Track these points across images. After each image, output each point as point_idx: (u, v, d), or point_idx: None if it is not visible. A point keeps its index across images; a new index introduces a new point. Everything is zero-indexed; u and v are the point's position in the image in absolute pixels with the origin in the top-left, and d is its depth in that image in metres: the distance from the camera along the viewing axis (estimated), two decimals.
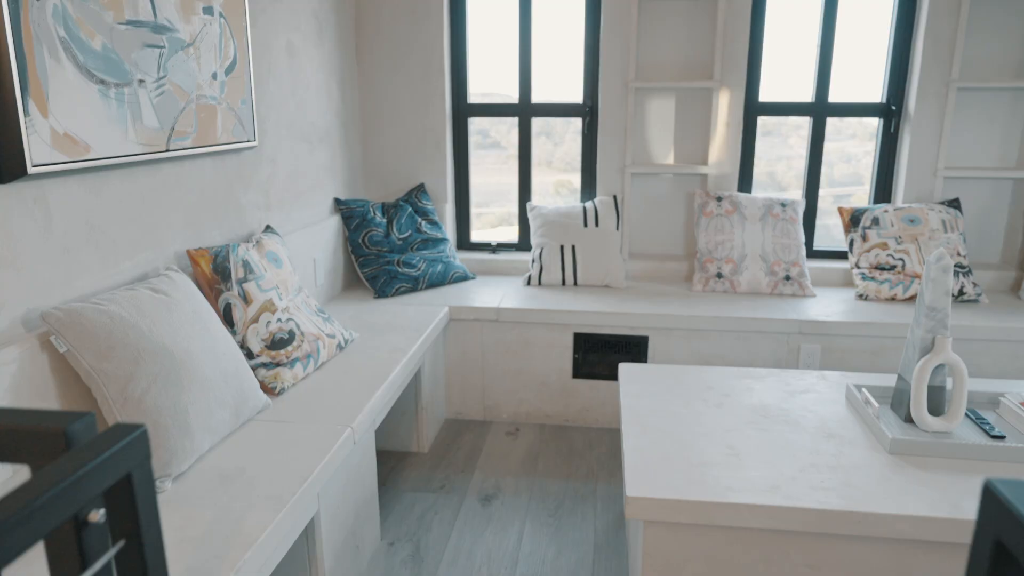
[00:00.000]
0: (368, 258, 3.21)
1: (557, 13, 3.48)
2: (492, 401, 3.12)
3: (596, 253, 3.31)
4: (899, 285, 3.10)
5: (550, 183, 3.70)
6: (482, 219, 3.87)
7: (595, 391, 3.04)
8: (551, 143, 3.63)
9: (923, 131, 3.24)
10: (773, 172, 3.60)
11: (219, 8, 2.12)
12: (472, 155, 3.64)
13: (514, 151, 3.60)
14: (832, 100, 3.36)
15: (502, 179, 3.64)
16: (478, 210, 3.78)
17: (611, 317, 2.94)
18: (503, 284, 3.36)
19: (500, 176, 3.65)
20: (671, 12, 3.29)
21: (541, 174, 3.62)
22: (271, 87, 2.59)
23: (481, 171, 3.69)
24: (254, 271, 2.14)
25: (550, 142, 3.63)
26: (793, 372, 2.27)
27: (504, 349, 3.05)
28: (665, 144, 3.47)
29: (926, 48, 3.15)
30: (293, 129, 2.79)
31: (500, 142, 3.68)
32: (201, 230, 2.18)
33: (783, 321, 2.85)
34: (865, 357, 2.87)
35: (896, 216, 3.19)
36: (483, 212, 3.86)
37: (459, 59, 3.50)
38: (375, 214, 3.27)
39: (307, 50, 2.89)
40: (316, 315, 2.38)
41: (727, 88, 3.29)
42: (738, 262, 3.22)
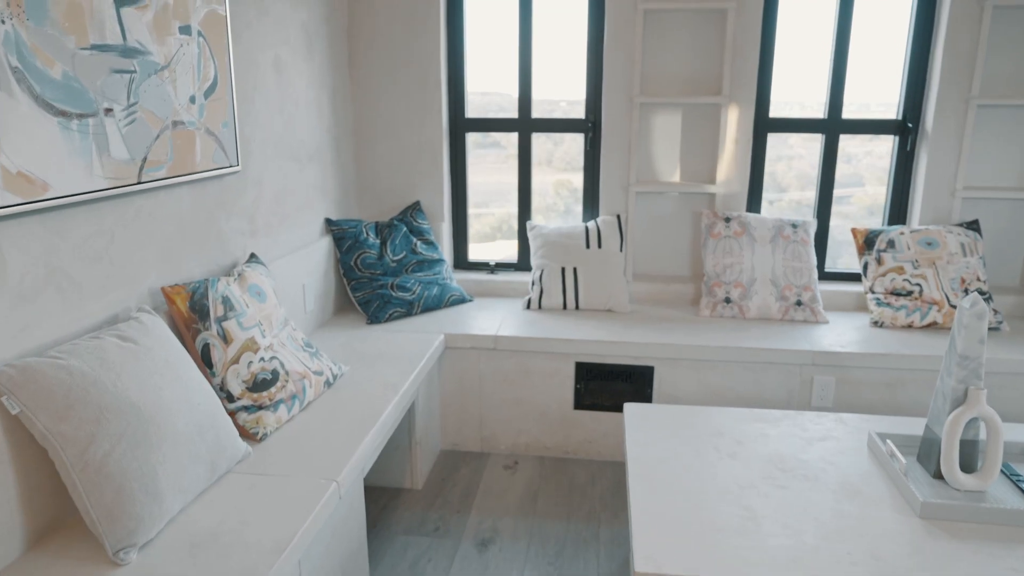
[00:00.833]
0: (361, 281, 3.07)
1: (559, 25, 3.34)
2: (490, 432, 2.98)
3: (598, 276, 3.17)
4: (916, 312, 2.96)
5: (550, 183, 3.56)
6: (481, 220, 3.73)
7: (598, 423, 2.91)
8: (551, 142, 3.49)
9: (941, 149, 3.10)
10: (773, 172, 3.46)
11: (198, 27, 1.98)
12: (471, 155, 3.48)
13: (514, 150, 3.44)
14: (846, 116, 3.22)
15: (502, 178, 3.49)
16: (477, 211, 3.64)
17: (615, 346, 2.80)
18: (501, 307, 3.22)
19: (500, 175, 3.50)
20: (677, 24, 3.15)
21: (541, 174, 3.47)
22: (257, 105, 2.45)
23: (480, 170, 3.54)
24: (235, 308, 2.00)
25: (550, 141, 3.49)
26: (809, 415, 2.13)
27: (502, 378, 2.91)
28: (671, 161, 3.33)
29: (945, 63, 3.01)
30: (281, 148, 2.65)
31: (500, 141, 3.53)
32: (179, 263, 2.04)
33: (795, 352, 2.72)
34: (881, 390, 2.73)
35: (912, 239, 3.06)
36: (482, 213, 3.71)
37: (457, 71, 3.36)
38: (368, 235, 3.13)
39: (296, 64, 2.75)
40: (303, 350, 2.24)
41: (736, 104, 3.15)
42: (747, 286, 3.08)
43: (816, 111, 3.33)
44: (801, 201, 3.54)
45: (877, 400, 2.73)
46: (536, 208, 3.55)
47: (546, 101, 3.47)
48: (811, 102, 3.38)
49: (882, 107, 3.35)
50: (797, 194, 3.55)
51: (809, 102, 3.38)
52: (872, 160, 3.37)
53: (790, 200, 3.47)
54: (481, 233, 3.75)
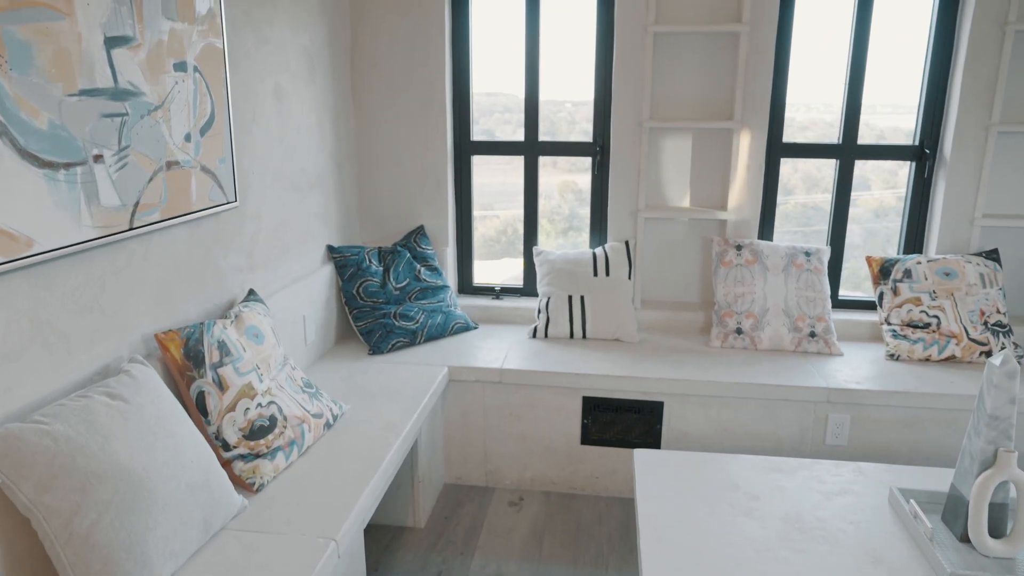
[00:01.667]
0: (363, 310, 3.00)
1: (567, 49, 3.26)
2: (494, 466, 2.90)
3: (606, 304, 3.09)
4: (934, 345, 2.87)
5: (555, 184, 3.48)
6: (487, 223, 3.66)
7: (605, 458, 2.83)
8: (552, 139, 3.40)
9: (959, 176, 3.02)
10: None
11: (194, 63, 1.91)
12: (475, 158, 3.40)
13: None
14: (861, 142, 3.14)
15: (506, 179, 3.41)
16: (483, 212, 3.57)
17: (623, 381, 2.72)
18: (507, 336, 3.15)
19: (504, 176, 3.41)
20: (688, 47, 3.07)
21: (546, 175, 3.39)
22: (256, 137, 2.38)
23: (486, 171, 3.45)
24: (231, 353, 1.93)
25: (551, 138, 3.40)
26: (826, 465, 2.05)
27: (508, 412, 2.83)
28: (681, 187, 3.25)
29: (964, 89, 2.92)
30: (281, 178, 2.58)
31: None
32: (174, 306, 1.97)
33: (809, 389, 2.63)
34: (898, 429, 2.64)
35: (930, 268, 2.97)
36: (487, 215, 3.63)
37: (462, 93, 3.29)
38: (371, 262, 3.06)
39: (297, 91, 2.68)
40: (302, 391, 2.17)
41: (748, 128, 3.07)
42: (759, 316, 3.00)
43: (830, 135, 3.25)
44: (807, 204, 3.45)
45: (894, 439, 2.65)
46: (540, 211, 3.48)
47: (551, 102, 3.39)
48: (825, 126, 3.30)
49: (899, 133, 3.26)
50: (803, 197, 3.46)
51: (823, 126, 3.30)
52: (902, 206, 3.26)
53: (795, 203, 3.38)
54: (487, 237, 3.67)
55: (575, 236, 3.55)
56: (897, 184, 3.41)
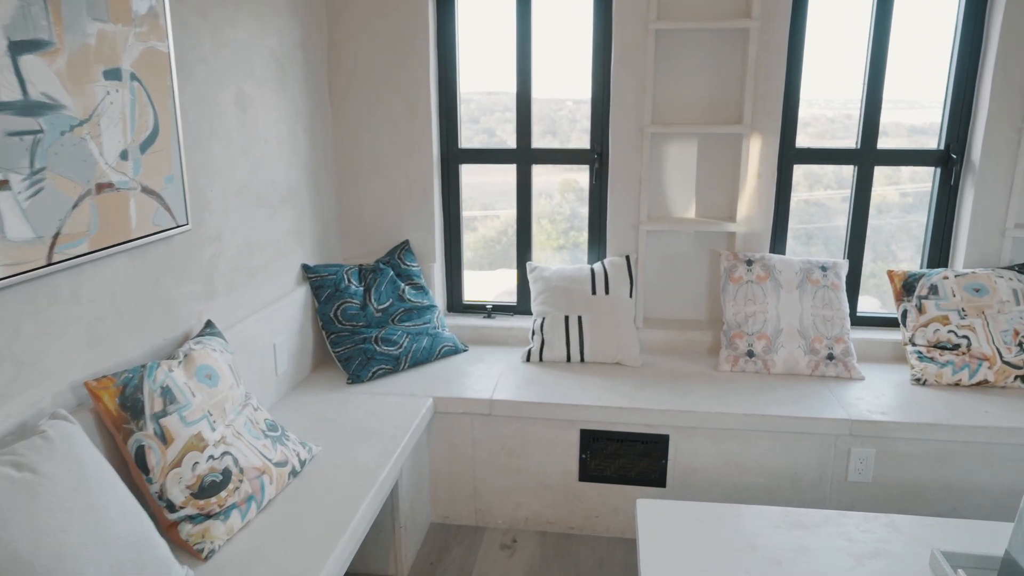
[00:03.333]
0: (341, 335, 2.76)
1: (565, 45, 3.02)
2: (485, 504, 2.66)
3: (606, 325, 2.85)
4: (964, 369, 2.63)
5: (556, 182, 3.23)
6: (487, 223, 3.41)
7: (605, 496, 2.59)
8: (557, 141, 3.15)
9: (989, 183, 2.77)
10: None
11: (131, 69, 1.68)
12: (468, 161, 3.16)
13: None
14: (881, 146, 2.89)
15: (508, 178, 3.15)
16: (484, 213, 3.33)
17: (624, 413, 2.48)
18: (499, 359, 2.91)
19: (506, 176, 3.15)
20: (693, 46, 2.83)
21: (547, 172, 3.14)
22: (214, 150, 2.14)
23: (487, 170, 3.19)
24: (176, 399, 1.70)
25: (556, 140, 3.16)
26: (855, 519, 1.81)
27: (499, 446, 2.59)
28: (685, 197, 3.00)
29: (995, 88, 2.68)
30: (246, 195, 2.34)
31: (507, 141, 3.17)
32: (112, 347, 1.73)
33: (829, 421, 2.39)
34: (928, 464, 2.40)
35: (958, 284, 2.72)
36: (488, 215, 3.39)
37: (448, 98, 3.05)
38: (350, 282, 2.82)
39: (265, 98, 2.45)
40: (264, 437, 1.93)
41: (759, 133, 2.83)
42: (772, 338, 2.75)
43: (832, 132, 3.01)
44: (809, 200, 3.21)
45: (924, 476, 2.41)
46: (541, 212, 3.24)
47: (552, 101, 3.15)
48: (827, 122, 3.06)
49: (923, 135, 3.02)
50: (806, 193, 3.22)
51: (825, 122, 3.05)
52: (927, 215, 3.02)
53: (797, 200, 3.13)
54: (487, 238, 3.42)
55: (576, 236, 3.29)
56: (900, 180, 3.17)
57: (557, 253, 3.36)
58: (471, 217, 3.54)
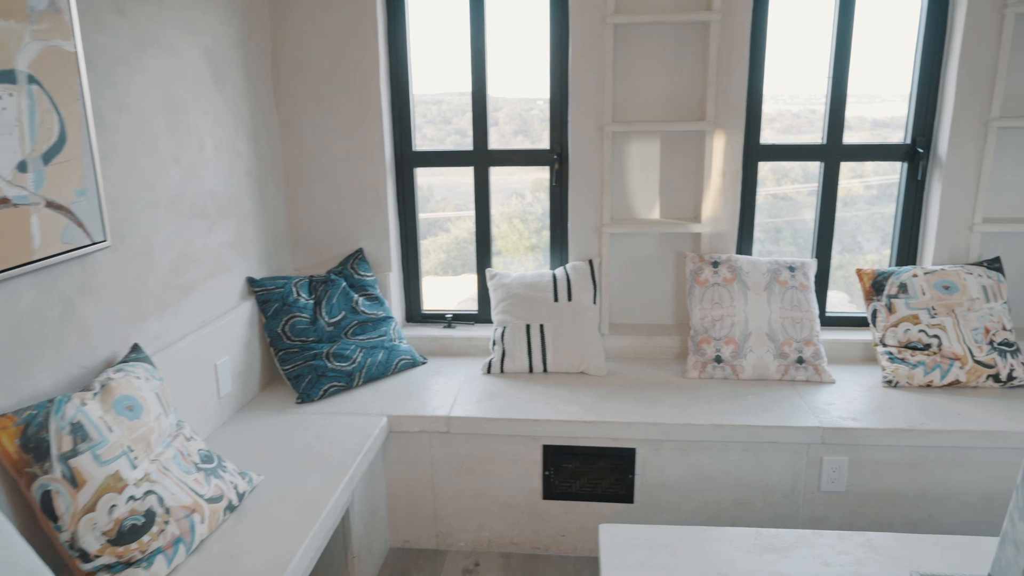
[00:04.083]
0: (290, 352, 2.60)
1: (523, 48, 2.90)
2: (446, 527, 2.53)
3: (569, 334, 2.73)
4: (935, 370, 2.55)
5: (528, 181, 3.10)
6: (459, 224, 3.28)
7: (571, 514, 2.47)
8: (528, 141, 3.03)
9: (956, 178, 2.70)
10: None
11: (27, 71, 1.51)
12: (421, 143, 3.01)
13: (504, 140, 2.98)
14: (847, 141, 2.81)
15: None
16: (458, 213, 3.18)
17: (589, 427, 2.36)
18: (459, 372, 2.78)
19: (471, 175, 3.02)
20: (654, 41, 2.72)
21: (519, 171, 3.02)
22: (139, 158, 1.98)
23: (457, 170, 3.03)
24: (89, 436, 1.54)
25: (528, 140, 3.03)
26: (829, 539, 1.71)
27: (458, 465, 2.46)
28: (649, 197, 2.90)
29: (960, 82, 2.61)
30: (179, 206, 2.18)
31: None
32: (17, 381, 1.57)
33: (801, 429, 2.30)
34: (902, 471, 2.32)
35: (927, 281, 2.65)
36: (461, 216, 3.24)
37: (401, 98, 2.91)
38: (299, 295, 2.67)
39: (198, 101, 2.28)
40: (195, 470, 1.78)
41: (723, 130, 2.73)
42: (740, 342, 2.66)
43: (797, 126, 2.93)
44: (778, 195, 3.13)
45: (898, 483, 2.32)
46: (512, 212, 3.12)
47: (523, 100, 3.02)
48: (792, 117, 2.98)
49: (886, 129, 2.95)
50: (774, 188, 3.14)
51: (790, 117, 2.97)
52: (894, 211, 2.95)
53: (766, 195, 3.05)
54: (459, 239, 3.28)
55: (549, 236, 3.18)
56: (864, 172, 3.10)
57: (530, 253, 3.25)
58: (444, 218, 3.40)
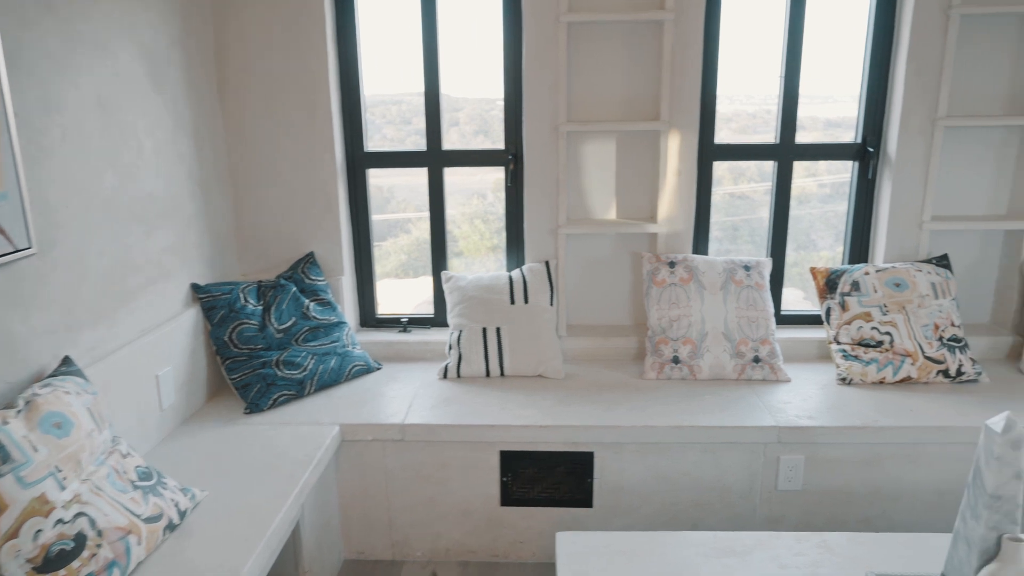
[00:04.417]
0: (238, 360, 2.51)
1: (475, 47, 2.85)
2: (402, 536, 2.47)
3: (526, 337, 2.69)
4: (888, 366, 2.58)
5: (489, 181, 3.05)
6: (421, 225, 3.19)
7: (530, 520, 2.43)
8: (489, 141, 2.97)
9: (905, 176, 2.74)
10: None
11: None
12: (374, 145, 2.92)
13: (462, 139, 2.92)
14: (800, 141, 2.83)
15: (445, 179, 2.96)
16: (418, 215, 3.10)
17: (546, 432, 2.33)
18: (414, 377, 2.72)
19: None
20: (607, 39, 2.70)
21: (480, 171, 2.96)
22: (68, 161, 1.88)
23: (418, 170, 2.95)
24: (11, 457, 1.44)
25: (488, 140, 2.98)
26: (786, 540, 1.70)
27: (414, 474, 2.40)
28: (605, 197, 2.88)
29: (908, 81, 2.64)
30: (115, 210, 2.08)
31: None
32: None
33: (758, 429, 2.30)
34: (857, 468, 2.34)
35: (879, 279, 2.68)
36: (422, 217, 3.15)
37: (351, 97, 2.83)
38: (246, 301, 2.57)
39: (135, 100, 2.18)
40: (132, 489, 1.69)
41: (677, 130, 2.72)
42: (698, 342, 2.65)
43: (753, 127, 2.95)
44: (735, 193, 3.15)
45: (853, 480, 2.34)
46: (473, 213, 3.06)
47: (483, 100, 2.97)
48: (748, 117, 3.00)
49: (838, 129, 2.98)
50: (731, 187, 3.16)
51: (746, 117, 2.99)
52: (846, 209, 2.98)
53: (723, 193, 3.06)
54: (420, 240, 3.19)
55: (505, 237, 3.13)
56: (817, 171, 3.14)
57: (491, 253, 3.20)
58: (405, 219, 3.32)
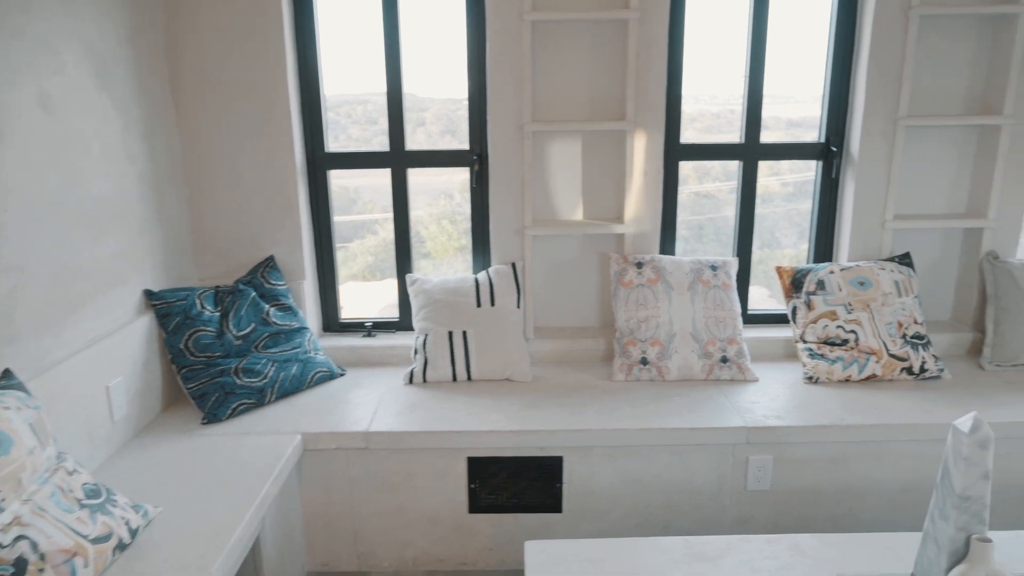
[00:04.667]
0: (195, 369, 2.42)
1: (440, 46, 2.80)
2: (368, 547, 2.41)
3: (493, 340, 2.65)
4: (853, 364, 2.60)
5: (457, 181, 2.99)
6: (388, 226, 3.13)
7: (499, 527, 2.39)
8: (456, 141, 2.92)
9: (868, 176, 2.76)
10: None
11: None
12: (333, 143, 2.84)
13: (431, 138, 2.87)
14: (763, 140, 2.83)
15: (414, 179, 2.89)
16: (385, 215, 3.02)
17: (515, 436, 2.29)
18: (379, 383, 2.66)
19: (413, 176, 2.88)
20: (572, 38, 2.67)
21: (447, 171, 2.92)
22: (7, 163, 1.78)
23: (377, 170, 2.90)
24: None
25: (456, 140, 2.92)
26: (757, 543, 1.68)
27: (380, 482, 2.34)
28: (572, 198, 2.85)
29: (870, 81, 2.66)
30: (60, 214, 1.98)
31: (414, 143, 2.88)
32: None
33: (727, 430, 2.29)
34: (825, 467, 2.34)
35: (843, 278, 2.70)
36: (390, 218, 3.10)
37: (311, 96, 2.76)
38: (203, 307, 2.49)
39: (81, 100, 2.09)
40: (78, 508, 1.60)
41: (643, 129, 2.71)
42: (666, 343, 2.64)
43: (718, 126, 2.95)
44: (700, 192, 3.15)
45: (821, 479, 2.34)
46: (441, 213, 3.01)
47: (450, 100, 2.91)
48: (712, 117, 3.00)
49: (799, 129, 3.00)
50: (696, 186, 3.16)
51: (710, 117, 2.99)
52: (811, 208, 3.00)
53: (688, 193, 3.06)
54: (388, 241, 3.12)
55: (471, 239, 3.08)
56: (781, 170, 3.16)
57: (459, 254, 3.15)
58: (372, 220, 3.25)
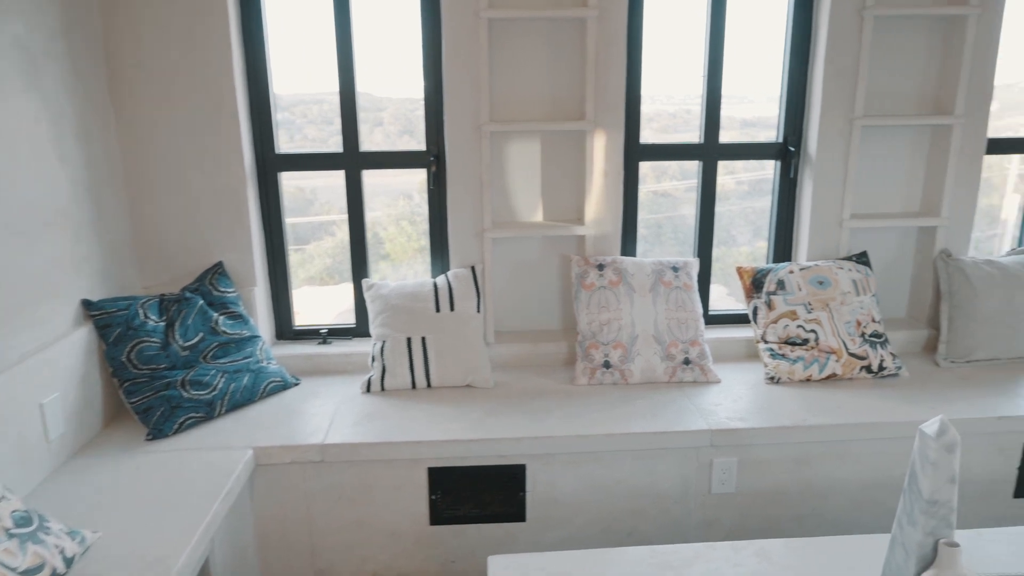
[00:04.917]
0: (138, 382, 2.30)
1: (395, 44, 2.72)
2: (326, 563, 2.32)
3: (453, 346, 2.59)
4: (814, 364, 2.60)
5: (416, 182, 2.90)
6: (345, 228, 3.02)
7: (461, 538, 2.33)
8: (415, 141, 2.83)
9: (826, 175, 2.77)
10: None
11: None
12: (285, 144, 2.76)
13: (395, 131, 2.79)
14: (723, 140, 2.83)
15: (374, 179, 2.81)
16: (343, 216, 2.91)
17: (476, 445, 2.23)
18: (335, 392, 2.57)
19: (369, 176, 2.78)
20: (530, 37, 2.62)
21: (406, 171, 2.84)
22: None
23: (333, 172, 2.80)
24: None
25: (414, 141, 2.84)
26: (723, 550, 1.65)
27: (337, 496, 2.26)
28: (531, 199, 2.80)
29: (827, 80, 2.67)
30: None
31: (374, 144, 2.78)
32: None
33: (690, 433, 2.26)
34: (788, 468, 2.34)
35: (803, 277, 2.70)
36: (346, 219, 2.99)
37: (259, 95, 2.65)
38: (147, 317, 2.37)
39: (8, 99, 1.96)
40: (7, 538, 1.49)
41: (603, 129, 2.67)
42: (628, 346, 2.60)
43: (675, 126, 2.94)
44: (657, 191, 3.13)
45: (785, 480, 2.34)
46: (400, 214, 2.92)
47: (408, 100, 2.83)
48: (668, 117, 2.99)
49: (753, 128, 3.00)
50: (654, 185, 3.14)
51: (666, 117, 2.98)
52: (769, 208, 3.00)
53: (647, 191, 3.03)
54: (344, 244, 3.01)
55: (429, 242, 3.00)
56: (735, 169, 3.17)
57: (419, 255, 3.06)
58: (328, 222, 3.14)
